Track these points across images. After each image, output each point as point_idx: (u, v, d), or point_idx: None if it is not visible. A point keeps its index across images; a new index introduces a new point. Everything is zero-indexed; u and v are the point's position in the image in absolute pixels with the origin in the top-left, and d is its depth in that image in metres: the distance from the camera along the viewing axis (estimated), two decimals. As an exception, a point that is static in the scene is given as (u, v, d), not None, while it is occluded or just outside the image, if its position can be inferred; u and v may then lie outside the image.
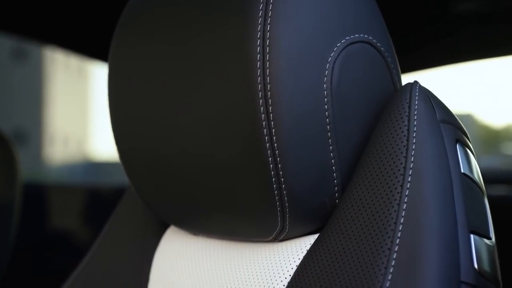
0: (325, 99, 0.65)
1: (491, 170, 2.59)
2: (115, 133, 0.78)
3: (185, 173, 0.71)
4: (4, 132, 1.52)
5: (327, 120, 0.65)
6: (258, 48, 0.62)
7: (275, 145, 0.63)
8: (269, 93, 0.62)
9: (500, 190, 2.08)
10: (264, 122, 0.63)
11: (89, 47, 1.87)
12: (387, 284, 0.60)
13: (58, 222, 1.90)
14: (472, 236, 0.63)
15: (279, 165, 0.64)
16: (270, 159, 0.64)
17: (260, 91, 0.62)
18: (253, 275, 0.72)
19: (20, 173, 1.51)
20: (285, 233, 0.70)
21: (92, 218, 1.89)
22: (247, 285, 0.72)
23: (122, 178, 0.96)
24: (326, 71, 0.65)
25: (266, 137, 0.63)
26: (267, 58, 0.62)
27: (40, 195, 1.89)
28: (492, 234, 0.66)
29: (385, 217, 0.63)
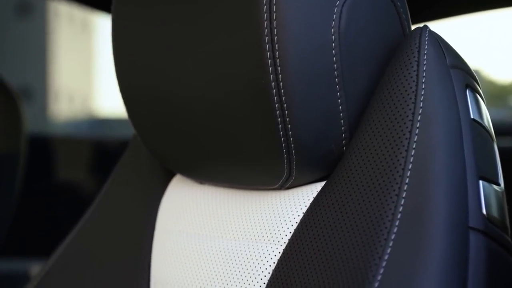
0: (333, 44, 0.64)
1: (498, 122, 2.58)
2: (120, 80, 0.77)
3: (190, 119, 0.70)
4: (9, 84, 1.52)
5: (335, 65, 0.64)
6: None
7: (282, 91, 0.62)
8: (275, 37, 0.61)
9: (506, 142, 2.07)
10: (270, 68, 0.62)
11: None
12: (394, 230, 0.60)
13: (64, 173, 1.91)
14: (481, 182, 0.62)
15: (286, 111, 0.63)
16: (276, 105, 0.63)
17: (266, 35, 0.61)
18: (259, 222, 0.72)
19: (26, 125, 1.52)
20: (291, 180, 0.69)
21: (97, 169, 1.89)
22: (253, 232, 0.72)
23: (127, 134, 0.95)
24: (334, 15, 0.63)
25: (273, 83, 0.62)
26: (274, 2, 0.61)
27: (45, 146, 1.89)
28: (501, 180, 0.66)
29: (393, 163, 0.63)
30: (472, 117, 0.64)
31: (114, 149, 1.82)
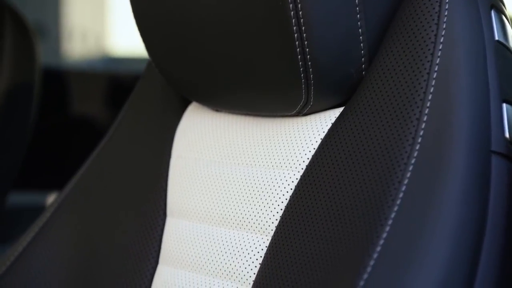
0: None
1: None
2: (134, 7, 0.76)
3: (207, 42, 0.69)
4: (24, 17, 1.51)
5: None
6: None
7: (300, 13, 0.61)
8: None
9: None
10: None
11: None
12: (415, 154, 0.59)
13: (78, 106, 1.90)
14: (504, 105, 0.61)
15: (304, 34, 0.62)
16: (294, 28, 0.61)
17: None
18: (276, 149, 0.71)
19: (40, 57, 1.52)
20: (309, 106, 0.68)
21: (112, 103, 1.89)
22: (270, 159, 0.71)
23: (141, 71, 0.94)
24: None
25: (291, 5, 0.61)
26: None
27: (60, 80, 1.89)
28: None
29: (414, 87, 0.61)
30: (496, 38, 0.62)
31: (128, 83, 1.81)
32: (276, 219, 0.68)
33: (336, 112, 0.69)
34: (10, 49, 1.45)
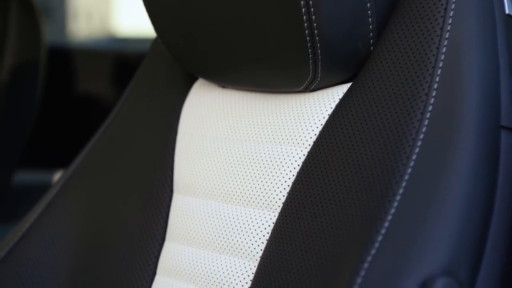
0: None
1: None
2: None
3: (214, 18, 0.68)
4: None
5: None
6: None
7: None
8: None
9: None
10: None
11: None
12: (423, 130, 0.58)
13: (83, 84, 1.90)
14: None
15: (312, 9, 0.61)
16: (302, 2, 0.61)
17: None
18: (283, 125, 0.70)
19: (46, 35, 1.52)
20: (316, 82, 0.67)
21: (117, 81, 1.88)
22: (277, 135, 0.70)
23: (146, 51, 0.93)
24: None
25: None
26: None
27: (66, 58, 1.89)
28: None
29: (423, 61, 0.61)
30: (507, 12, 0.62)
31: (134, 61, 1.80)
32: (283, 196, 0.68)
33: (344, 88, 0.68)
34: (16, 27, 1.46)
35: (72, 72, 1.92)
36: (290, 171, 0.68)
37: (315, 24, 0.62)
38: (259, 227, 0.68)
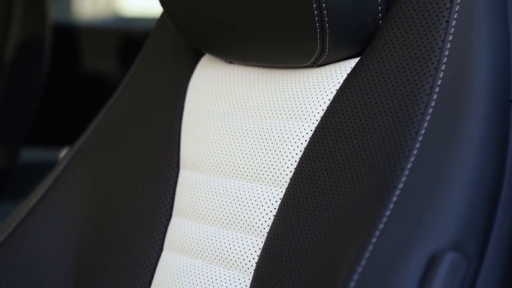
0: None
1: None
2: None
3: None
4: None
5: None
6: None
7: None
8: None
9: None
10: None
11: None
12: (432, 104, 0.58)
13: (89, 62, 1.90)
14: None
15: None
16: None
17: None
18: (290, 100, 0.70)
19: (51, 13, 1.52)
20: (324, 56, 0.67)
21: (122, 58, 1.87)
22: (285, 110, 0.70)
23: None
24: None
25: None
26: None
27: (71, 36, 1.88)
28: None
29: (432, 35, 0.60)
30: None
31: (139, 39, 1.79)
32: (291, 171, 0.67)
33: (352, 63, 0.67)
34: (21, 3, 1.45)
35: (78, 50, 1.92)
36: (298, 146, 0.68)
37: None
38: (266, 203, 0.68)
